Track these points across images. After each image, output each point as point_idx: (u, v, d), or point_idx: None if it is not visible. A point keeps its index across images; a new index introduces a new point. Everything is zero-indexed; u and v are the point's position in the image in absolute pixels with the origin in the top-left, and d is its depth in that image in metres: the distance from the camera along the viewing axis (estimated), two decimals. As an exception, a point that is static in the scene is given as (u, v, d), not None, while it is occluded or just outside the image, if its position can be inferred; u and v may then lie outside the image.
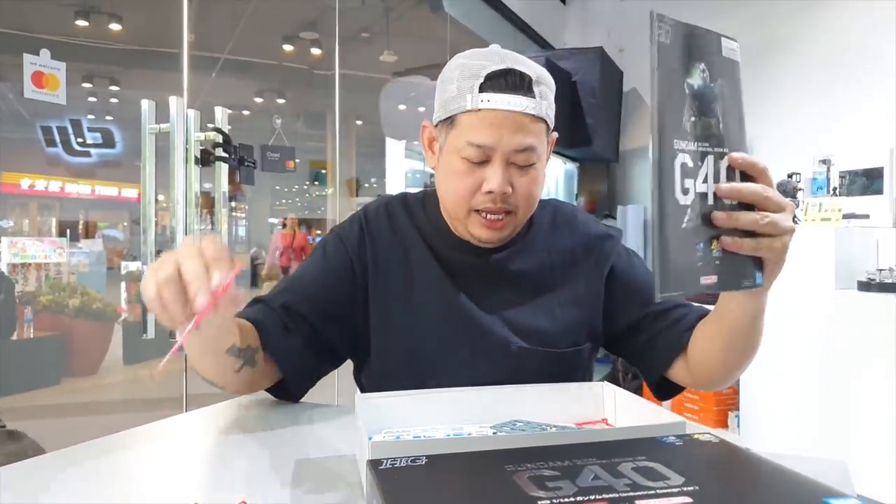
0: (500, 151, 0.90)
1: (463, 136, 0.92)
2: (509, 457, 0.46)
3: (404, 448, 0.55)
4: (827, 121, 3.56)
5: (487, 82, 0.90)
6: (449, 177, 0.95)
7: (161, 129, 2.04)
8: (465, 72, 0.92)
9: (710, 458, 0.48)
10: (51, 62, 1.74)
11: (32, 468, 0.73)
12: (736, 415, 3.57)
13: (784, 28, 3.81)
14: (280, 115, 3.20)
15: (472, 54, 0.95)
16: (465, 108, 0.91)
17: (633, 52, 4.84)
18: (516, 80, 0.90)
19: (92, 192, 7.41)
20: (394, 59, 6.08)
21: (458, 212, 0.97)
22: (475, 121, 0.91)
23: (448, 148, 0.95)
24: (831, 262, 2.91)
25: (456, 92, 0.92)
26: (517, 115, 0.90)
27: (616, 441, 0.52)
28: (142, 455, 0.80)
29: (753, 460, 0.48)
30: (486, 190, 0.92)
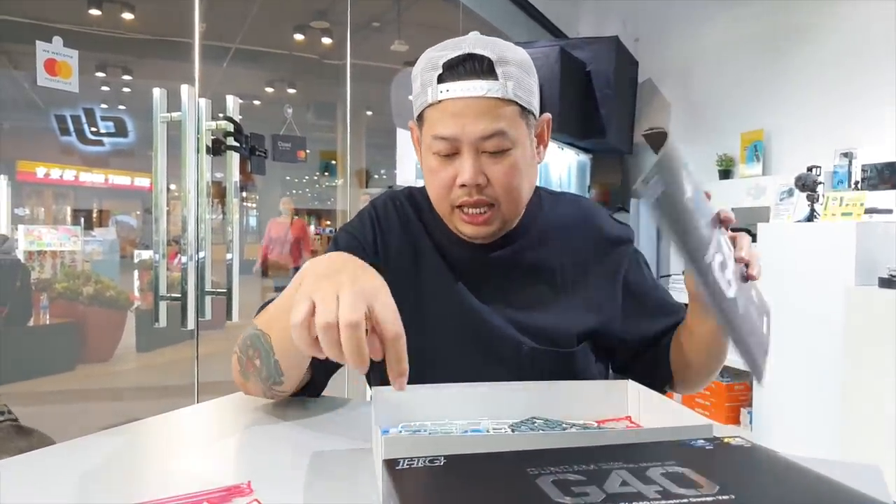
0: (466, 141, 0.87)
1: (430, 132, 0.90)
2: (532, 459, 0.44)
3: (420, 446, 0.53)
4: (848, 112, 3.49)
5: (446, 72, 0.87)
6: (427, 175, 0.94)
7: (172, 117, 2.02)
8: (426, 65, 0.90)
9: (742, 463, 0.46)
10: (63, 50, 1.72)
11: (37, 460, 0.72)
12: (749, 411, 3.53)
13: (804, 16, 3.74)
14: (291, 106, 3.19)
15: (437, 47, 0.92)
16: (427, 101, 0.89)
17: (649, 42, 4.78)
18: (475, 64, 0.87)
19: (106, 181, 7.46)
20: (405, 48, 6.04)
21: (442, 209, 0.95)
22: (437, 113, 0.88)
23: (423, 146, 0.94)
24: (852, 257, 2.86)
25: (420, 87, 0.90)
26: (479, 100, 0.86)
27: (644, 444, 0.50)
28: (150, 446, 0.78)
29: (788, 467, 0.45)
30: (459, 183, 0.89)
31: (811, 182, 3.21)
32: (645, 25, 4.81)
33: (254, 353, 0.82)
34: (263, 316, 0.84)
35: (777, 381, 3.26)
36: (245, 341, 0.84)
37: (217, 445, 0.80)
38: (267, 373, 0.82)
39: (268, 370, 0.82)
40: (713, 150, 4.23)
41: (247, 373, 0.86)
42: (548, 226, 1.03)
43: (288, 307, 0.73)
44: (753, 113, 4.04)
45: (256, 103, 7.89)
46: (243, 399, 0.97)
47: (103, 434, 0.80)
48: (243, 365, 0.86)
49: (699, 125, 4.46)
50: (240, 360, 0.86)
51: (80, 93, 1.84)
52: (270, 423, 0.85)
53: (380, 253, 1.01)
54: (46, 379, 3.74)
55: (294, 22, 6.24)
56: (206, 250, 2.13)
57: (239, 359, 0.87)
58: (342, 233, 1.05)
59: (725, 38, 4.24)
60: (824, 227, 3.09)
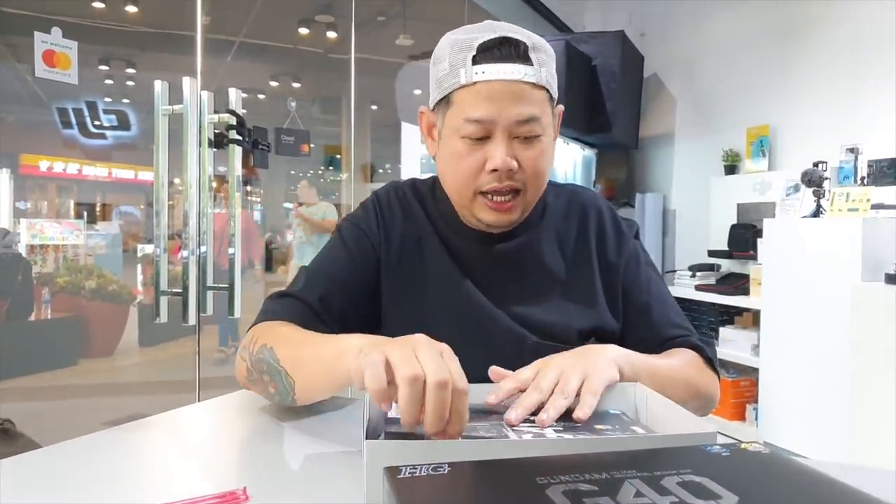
0: (501, 125, 0.85)
1: (460, 114, 0.86)
2: (541, 467, 0.43)
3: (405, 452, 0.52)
4: (855, 108, 3.46)
5: (480, 54, 0.85)
6: (450, 160, 0.90)
7: (174, 110, 2.00)
8: (455, 46, 0.87)
9: (762, 472, 0.44)
10: (62, 41, 1.70)
11: (29, 462, 0.71)
12: (754, 407, 3.51)
13: (810, 11, 3.71)
14: (295, 99, 3.17)
15: (462, 30, 0.90)
16: (460, 83, 0.86)
17: (655, 37, 4.74)
18: (511, 48, 0.85)
19: (109, 175, 7.45)
20: (410, 42, 6.01)
21: (462, 196, 0.92)
22: (471, 95, 0.85)
23: (447, 129, 0.90)
24: (858, 253, 2.84)
25: (448, 69, 0.87)
26: (515, 83, 0.84)
27: (658, 450, 0.48)
28: (147, 448, 0.77)
29: (809, 476, 0.43)
30: (490, 168, 0.86)
31: (817, 177, 3.18)
32: (651, 20, 4.77)
33: (270, 380, 0.81)
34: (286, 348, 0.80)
35: (783, 376, 3.25)
36: (260, 364, 0.82)
37: (215, 448, 0.79)
38: (280, 399, 0.82)
39: (282, 398, 0.81)
40: (719, 146, 4.20)
41: (255, 383, 0.85)
42: (553, 219, 1.01)
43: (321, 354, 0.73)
44: (759, 108, 4.00)
45: (261, 97, 7.87)
46: (245, 398, 0.95)
47: (99, 435, 0.78)
48: (253, 379, 0.85)
49: (705, 120, 4.42)
50: (249, 371, 0.85)
51: (83, 86, 1.82)
52: (272, 424, 0.84)
53: (382, 243, 0.99)
54: (48, 374, 3.74)
55: (299, 16, 6.22)
56: (207, 245, 2.11)
57: (248, 370, 0.85)
58: (346, 223, 1.03)
59: (731, 34, 4.20)
60: (830, 223, 3.07)
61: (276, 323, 0.89)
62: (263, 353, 0.81)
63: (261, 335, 0.84)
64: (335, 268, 0.97)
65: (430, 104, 0.94)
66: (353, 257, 0.98)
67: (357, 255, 0.98)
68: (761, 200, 3.90)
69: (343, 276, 0.96)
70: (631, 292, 1.00)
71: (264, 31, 6.51)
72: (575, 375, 0.70)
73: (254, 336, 0.86)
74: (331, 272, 0.96)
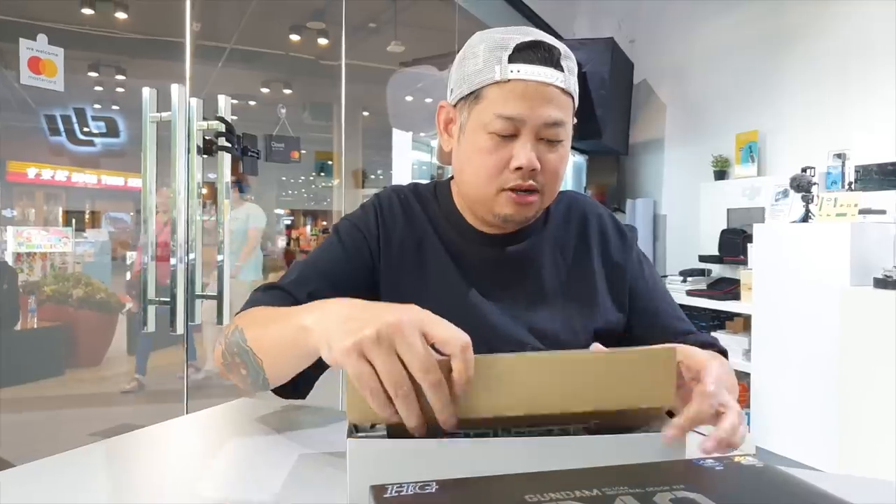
0: (531, 124, 0.87)
1: (490, 109, 0.88)
2: (531, 484, 0.42)
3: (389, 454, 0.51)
4: (843, 113, 3.48)
5: (517, 53, 0.87)
6: (474, 154, 0.91)
7: (162, 117, 1.99)
8: (491, 44, 0.89)
9: (755, 486, 0.43)
10: (48, 47, 1.69)
11: (8, 479, 0.69)
12: (746, 412, 3.52)
13: (798, 19, 3.73)
14: (286, 106, 3.15)
15: (496, 30, 0.92)
16: (494, 79, 0.88)
17: (644, 44, 4.76)
18: (546, 51, 0.88)
19: (98, 182, 7.39)
20: (401, 49, 6.01)
21: (485, 192, 0.92)
22: (504, 92, 0.87)
23: (472, 124, 0.91)
24: (846, 258, 2.85)
25: (482, 64, 0.89)
26: (548, 87, 0.87)
27: (650, 465, 0.47)
28: (130, 464, 0.75)
29: (802, 488, 0.43)
30: (515, 166, 0.88)
31: (805, 183, 3.20)
32: (640, 27, 4.80)
33: (240, 362, 0.80)
34: (254, 327, 0.79)
35: (774, 381, 3.25)
36: (232, 346, 0.81)
37: (202, 461, 0.77)
38: (253, 382, 0.80)
39: (254, 381, 0.80)
40: (708, 151, 4.22)
41: (229, 369, 0.83)
42: (554, 225, 1.03)
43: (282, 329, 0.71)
44: (748, 114, 4.03)
45: (252, 104, 7.84)
46: (233, 409, 0.94)
47: (79, 451, 0.76)
48: (227, 363, 0.83)
49: (694, 126, 4.44)
50: (224, 356, 0.83)
51: (72, 93, 1.80)
52: (261, 436, 0.83)
53: (382, 246, 0.98)
54: (35, 384, 3.69)
55: (290, 22, 6.21)
56: (196, 252, 2.09)
57: (223, 354, 0.83)
58: (345, 221, 1.02)
59: (720, 40, 4.23)
60: (819, 228, 3.08)
61: (254, 309, 0.87)
62: (235, 336, 0.80)
63: (238, 320, 0.84)
64: (329, 266, 0.96)
65: (451, 100, 0.95)
66: (349, 256, 0.97)
67: (353, 256, 0.97)
68: (751, 206, 3.91)
69: (336, 275, 0.95)
70: (638, 291, 1.02)
71: (255, 38, 6.50)
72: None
73: (233, 322, 0.85)
74: (324, 270, 0.96)
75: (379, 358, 0.54)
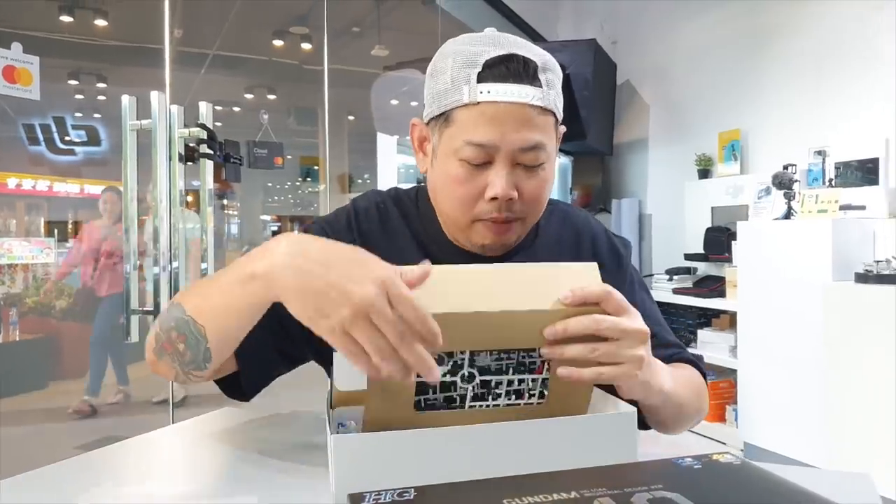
0: (504, 150, 0.79)
1: (460, 135, 0.80)
2: (509, 487, 0.41)
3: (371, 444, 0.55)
4: (822, 111, 3.52)
5: (487, 70, 0.79)
6: (446, 183, 0.84)
7: (143, 125, 1.98)
8: (459, 59, 0.80)
9: (732, 484, 0.43)
10: (23, 56, 1.67)
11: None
12: (734, 408, 3.54)
13: (777, 17, 3.77)
14: (270, 111, 3.14)
15: (466, 39, 0.83)
16: (462, 101, 0.79)
17: (627, 45, 4.79)
18: (520, 66, 0.79)
19: (81, 191, 7.32)
20: (385, 53, 6.01)
21: (460, 221, 0.86)
22: (474, 116, 0.79)
23: (443, 149, 0.83)
24: (828, 253, 2.88)
25: (450, 83, 0.80)
26: (522, 107, 0.78)
27: (628, 465, 0.47)
28: (116, 473, 0.75)
29: (780, 486, 0.43)
30: (490, 196, 0.81)
31: (787, 180, 3.23)
32: (623, 28, 4.83)
33: (177, 336, 0.74)
34: (192, 297, 0.74)
35: (761, 377, 3.28)
36: (167, 322, 0.75)
37: (187, 472, 0.76)
38: (192, 358, 0.75)
39: (194, 356, 0.74)
40: (692, 150, 4.25)
41: (163, 352, 0.77)
42: (545, 242, 0.96)
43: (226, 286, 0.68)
44: (730, 113, 4.06)
45: (236, 109, 7.80)
46: (219, 418, 0.93)
47: (66, 464, 0.75)
48: (160, 344, 0.76)
49: (678, 125, 4.47)
50: (157, 337, 0.77)
51: (52, 101, 1.78)
52: (245, 445, 0.82)
53: None
54: (18, 398, 3.64)
55: (273, 27, 6.18)
56: (179, 261, 2.08)
57: (157, 335, 0.77)
58: (316, 225, 0.95)
59: (702, 40, 4.26)
60: (801, 225, 3.11)
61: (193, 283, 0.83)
62: (171, 312, 0.75)
63: (175, 298, 0.78)
64: None
65: (424, 117, 0.87)
66: None
67: None
68: (734, 203, 3.94)
69: None
70: None
71: (238, 44, 6.46)
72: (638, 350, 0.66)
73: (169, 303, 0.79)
74: None
75: (360, 334, 0.56)
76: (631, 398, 0.72)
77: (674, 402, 0.80)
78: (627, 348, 0.65)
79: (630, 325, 0.66)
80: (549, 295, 0.64)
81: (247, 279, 0.65)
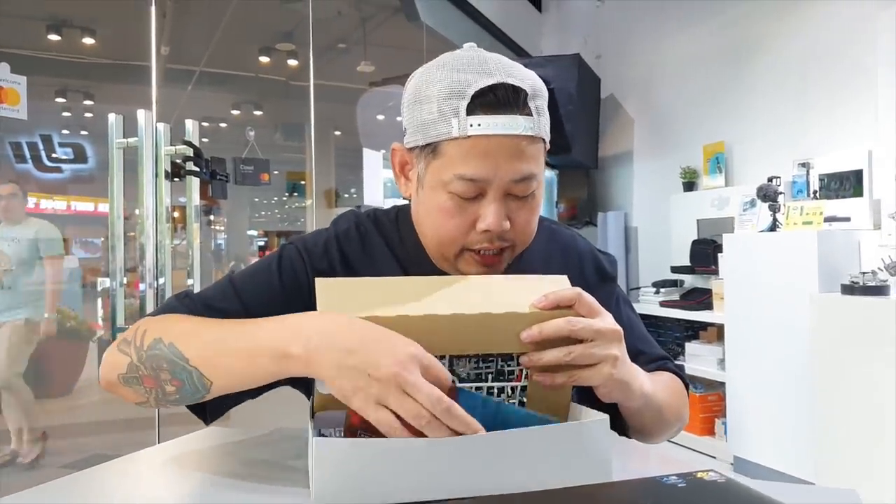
0: (497, 183, 0.78)
1: (450, 169, 0.78)
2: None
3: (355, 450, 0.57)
4: (805, 123, 3.57)
5: (475, 101, 0.76)
6: (435, 215, 0.82)
7: (129, 143, 1.97)
8: (445, 89, 0.77)
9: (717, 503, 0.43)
10: (10, 76, 1.67)
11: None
12: (723, 422, 3.55)
13: (759, 31, 3.83)
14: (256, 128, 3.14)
15: (450, 63, 0.80)
16: (451, 135, 0.76)
17: (611, 59, 4.85)
18: (509, 95, 0.77)
19: (68, 208, 7.28)
20: (371, 69, 6.04)
21: (447, 251, 0.84)
22: (465, 150, 0.77)
23: (431, 181, 0.81)
24: (814, 265, 2.91)
25: (437, 115, 0.78)
26: (512, 138, 0.76)
27: (613, 483, 0.47)
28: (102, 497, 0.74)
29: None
30: (483, 228, 0.79)
31: (772, 192, 3.26)
32: (606, 42, 4.88)
33: (170, 378, 0.73)
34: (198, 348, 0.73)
35: (749, 389, 3.29)
36: (156, 360, 0.73)
37: (174, 493, 0.76)
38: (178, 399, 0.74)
39: (182, 398, 0.74)
40: (677, 163, 4.29)
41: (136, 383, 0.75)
42: (531, 262, 0.93)
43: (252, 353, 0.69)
44: (714, 125, 4.11)
45: (223, 125, 7.80)
46: (205, 437, 0.92)
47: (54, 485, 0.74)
48: (138, 375, 0.75)
49: (662, 139, 4.52)
50: (133, 368, 0.75)
51: (39, 119, 1.78)
52: (233, 464, 0.81)
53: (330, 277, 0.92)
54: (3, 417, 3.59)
55: (259, 44, 6.21)
56: (166, 277, 2.07)
57: (133, 366, 0.75)
58: (292, 247, 0.91)
59: (685, 54, 4.31)
60: (787, 237, 3.14)
61: (171, 316, 0.80)
62: (160, 350, 0.73)
63: (151, 328, 0.76)
64: (252, 289, 0.87)
65: (406, 143, 0.84)
66: (277, 283, 0.87)
67: (284, 283, 0.87)
68: (720, 216, 3.98)
69: (256, 301, 0.85)
70: None
71: (225, 61, 6.48)
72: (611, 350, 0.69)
73: (141, 328, 0.76)
74: (246, 292, 0.86)
75: (394, 403, 0.60)
76: (611, 400, 0.74)
77: (654, 405, 0.81)
78: (601, 348, 0.68)
79: (602, 326, 0.69)
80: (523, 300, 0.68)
81: (280, 357, 0.67)
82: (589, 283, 0.94)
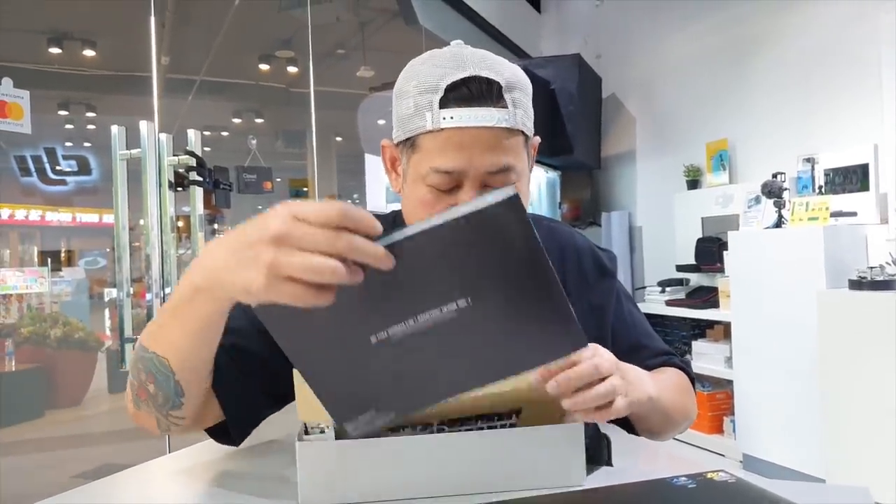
0: (472, 174, 0.78)
1: (427, 162, 0.79)
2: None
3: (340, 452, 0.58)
4: (809, 118, 3.56)
5: (448, 95, 0.77)
6: (416, 207, 0.83)
7: (132, 154, 1.98)
8: (421, 84, 0.79)
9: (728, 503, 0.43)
10: (13, 91, 1.68)
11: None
12: (731, 419, 3.53)
13: (762, 27, 3.82)
14: (258, 135, 3.15)
15: (429, 59, 0.82)
16: (425, 128, 0.78)
17: (611, 58, 4.84)
18: (482, 88, 0.77)
19: (73, 220, 7.33)
20: (371, 74, 6.06)
21: None
22: (439, 143, 0.78)
23: (412, 174, 0.83)
24: (821, 261, 2.89)
25: (413, 109, 0.79)
26: (487, 130, 0.77)
27: (623, 485, 0.47)
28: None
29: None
30: None
31: (777, 188, 3.25)
32: (606, 42, 4.87)
33: (147, 377, 0.72)
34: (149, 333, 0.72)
35: (757, 387, 3.27)
36: (136, 365, 0.73)
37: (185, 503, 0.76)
38: (164, 397, 0.73)
39: (165, 394, 0.72)
40: (680, 161, 4.28)
41: (138, 401, 0.75)
42: None
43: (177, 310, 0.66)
44: (717, 123, 4.10)
45: (224, 134, 7.83)
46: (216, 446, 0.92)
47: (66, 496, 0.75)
48: (135, 391, 0.75)
49: (665, 137, 4.51)
50: (131, 386, 0.75)
51: (43, 132, 1.80)
52: (244, 473, 0.81)
53: None
54: (14, 428, 3.62)
55: (259, 52, 6.23)
56: (172, 286, 2.07)
57: (131, 385, 0.75)
58: None
59: (686, 52, 4.31)
60: (793, 233, 3.13)
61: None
62: (136, 353, 0.73)
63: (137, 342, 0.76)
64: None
65: (394, 139, 0.86)
66: None
67: None
68: (724, 213, 3.96)
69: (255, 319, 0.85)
70: (619, 332, 0.97)
71: (225, 69, 6.50)
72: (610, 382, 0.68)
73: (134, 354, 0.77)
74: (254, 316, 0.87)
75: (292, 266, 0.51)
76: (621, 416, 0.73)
77: (660, 407, 0.81)
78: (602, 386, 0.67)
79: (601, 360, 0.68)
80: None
81: (193, 295, 0.63)
82: (588, 280, 0.96)
